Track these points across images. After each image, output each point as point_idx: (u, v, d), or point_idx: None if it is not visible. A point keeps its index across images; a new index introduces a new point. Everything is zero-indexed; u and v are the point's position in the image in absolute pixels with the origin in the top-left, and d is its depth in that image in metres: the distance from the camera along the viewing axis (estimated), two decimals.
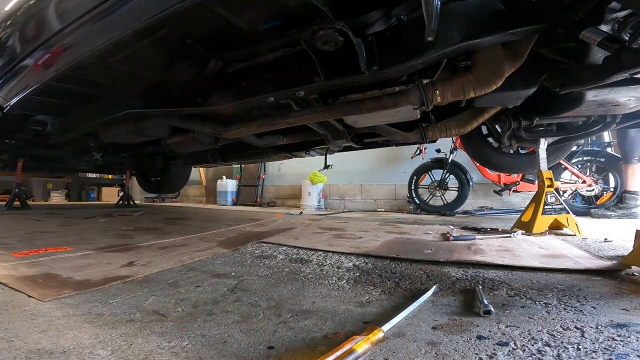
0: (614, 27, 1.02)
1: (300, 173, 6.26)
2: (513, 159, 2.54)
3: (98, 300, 0.88)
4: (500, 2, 1.10)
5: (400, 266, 1.32)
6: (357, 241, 1.91)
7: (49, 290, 0.93)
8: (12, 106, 1.86)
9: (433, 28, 0.99)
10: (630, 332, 0.68)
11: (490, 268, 1.28)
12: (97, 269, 1.18)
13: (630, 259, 1.21)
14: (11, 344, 0.61)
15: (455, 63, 1.45)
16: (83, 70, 1.61)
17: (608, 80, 1.15)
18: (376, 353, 0.60)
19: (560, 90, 1.38)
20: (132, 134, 2.11)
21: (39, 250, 1.46)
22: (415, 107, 1.54)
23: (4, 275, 1.05)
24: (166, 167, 4.19)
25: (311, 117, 1.65)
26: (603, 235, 2.09)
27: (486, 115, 1.88)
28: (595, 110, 1.61)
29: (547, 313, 0.81)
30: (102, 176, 7.55)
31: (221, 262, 1.35)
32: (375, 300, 0.93)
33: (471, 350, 0.61)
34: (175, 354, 0.60)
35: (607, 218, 3.40)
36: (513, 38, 1.13)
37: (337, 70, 1.29)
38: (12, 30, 1.64)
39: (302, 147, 2.80)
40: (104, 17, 1.19)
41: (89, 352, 0.59)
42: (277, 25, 1.25)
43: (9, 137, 2.91)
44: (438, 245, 1.78)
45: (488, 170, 4.28)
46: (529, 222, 2.22)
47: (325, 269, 1.28)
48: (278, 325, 0.74)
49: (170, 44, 1.40)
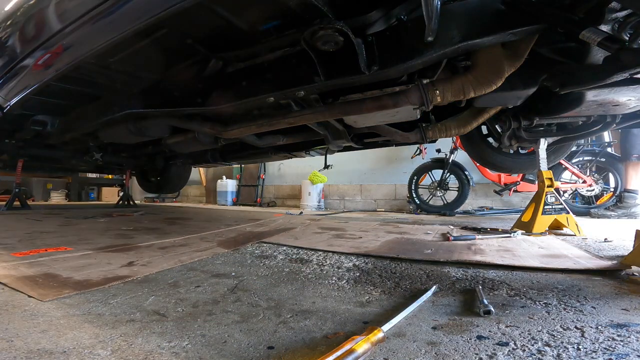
0: (614, 27, 1.02)
1: (300, 173, 6.26)
2: (513, 159, 2.54)
3: (98, 300, 0.88)
4: (501, 2, 1.10)
5: (400, 266, 1.32)
6: (357, 241, 1.91)
7: (49, 290, 0.93)
8: (12, 106, 1.86)
9: (433, 28, 0.99)
10: (630, 332, 0.68)
11: (490, 268, 1.28)
12: (97, 269, 1.18)
13: (630, 259, 1.21)
14: (11, 344, 0.61)
15: (455, 63, 1.45)
16: (83, 70, 1.61)
17: (608, 80, 1.15)
18: (376, 353, 0.60)
19: (560, 90, 1.38)
20: (132, 134, 2.11)
21: (39, 250, 1.46)
22: (415, 107, 1.54)
23: (4, 275, 1.05)
24: (166, 167, 4.19)
25: (311, 117, 1.65)
26: (603, 235, 2.09)
27: (486, 115, 1.88)
28: (595, 110, 1.61)
29: (547, 313, 0.81)
30: (102, 176, 7.55)
31: (221, 262, 1.35)
32: (375, 300, 0.93)
33: (471, 350, 0.61)
34: (175, 354, 0.60)
35: (607, 218, 3.40)
36: (513, 38, 1.13)
37: (337, 70, 1.29)
38: (12, 30, 1.64)
39: (302, 147, 2.80)
40: (104, 17, 1.19)
41: (89, 352, 0.59)
42: (277, 25, 1.25)
43: (9, 137, 2.91)
44: (438, 245, 1.78)
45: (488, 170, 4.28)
46: (529, 222, 2.22)
47: (325, 269, 1.28)
48: (278, 325, 0.74)
49: (170, 44, 1.40)
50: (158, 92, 1.77)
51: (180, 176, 4.50)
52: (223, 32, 1.30)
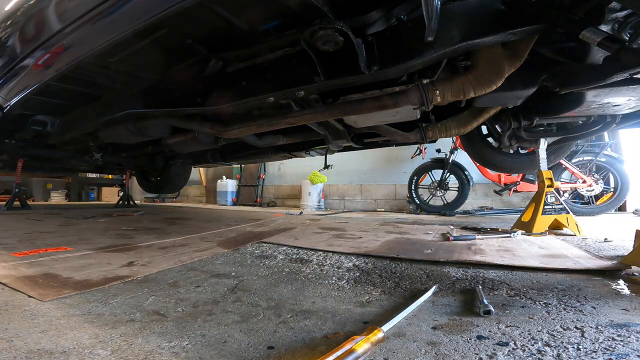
0: (614, 27, 1.01)
1: (300, 173, 6.26)
2: (513, 159, 2.54)
3: (98, 300, 0.88)
4: (501, 2, 1.10)
5: (400, 266, 1.32)
6: (357, 241, 1.91)
7: (49, 290, 0.93)
8: (12, 106, 1.86)
9: (433, 28, 0.99)
10: (630, 332, 0.68)
11: (490, 268, 1.28)
12: (97, 269, 1.18)
13: (630, 259, 1.21)
14: (11, 344, 0.61)
15: (455, 63, 1.45)
16: (83, 70, 1.61)
17: (608, 80, 1.15)
18: (376, 353, 0.60)
19: (560, 90, 1.38)
20: (132, 134, 2.11)
21: (39, 250, 1.46)
22: (415, 107, 1.54)
23: (4, 275, 1.05)
24: (166, 167, 4.19)
25: (311, 117, 1.65)
26: (603, 235, 2.09)
27: (486, 115, 1.88)
28: (595, 110, 1.61)
29: (547, 313, 0.80)
30: (102, 176, 7.55)
31: (221, 262, 1.35)
32: (375, 300, 0.93)
33: (471, 350, 0.61)
34: (175, 354, 0.60)
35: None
36: (513, 38, 1.13)
37: (337, 70, 1.29)
38: (12, 30, 1.64)
39: (302, 147, 2.80)
40: (104, 17, 1.18)
41: (89, 352, 0.59)
42: (277, 25, 1.25)
43: (9, 137, 2.91)
44: (438, 245, 1.78)
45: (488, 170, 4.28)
46: (529, 222, 2.22)
47: (325, 269, 1.28)
48: (278, 325, 0.73)
49: (171, 44, 1.40)
50: (158, 92, 1.77)
51: (180, 176, 4.50)
52: (223, 32, 1.30)
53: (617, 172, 3.65)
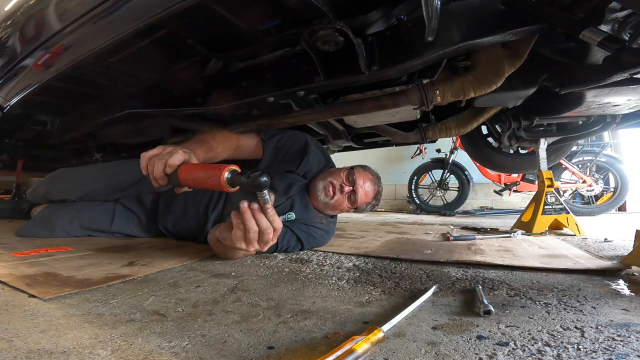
0: (614, 27, 1.02)
1: None
2: (513, 159, 2.55)
3: (98, 300, 0.88)
4: (501, 2, 1.10)
5: (400, 266, 1.32)
6: (357, 241, 1.91)
7: (50, 288, 0.93)
8: (12, 106, 1.86)
9: (433, 28, 0.99)
10: (630, 332, 0.68)
11: (490, 268, 1.28)
12: (97, 268, 1.18)
13: (630, 259, 1.21)
14: (11, 344, 0.61)
15: (455, 63, 1.45)
16: (83, 70, 1.61)
17: (608, 80, 1.16)
18: (376, 353, 0.60)
19: (560, 90, 1.38)
20: (132, 134, 2.11)
21: (40, 250, 1.46)
22: (415, 107, 1.54)
23: (5, 275, 1.05)
24: None
25: (311, 117, 1.65)
26: (603, 235, 2.09)
27: (486, 115, 1.89)
28: (595, 111, 1.62)
29: (547, 313, 0.81)
30: None
31: (221, 262, 1.35)
32: (375, 300, 0.93)
33: (471, 350, 0.61)
34: (175, 354, 0.60)
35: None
36: (513, 38, 1.13)
37: (337, 70, 1.29)
38: (12, 30, 1.64)
39: None
40: (104, 17, 1.18)
41: (89, 352, 0.59)
42: (277, 25, 1.25)
43: (9, 137, 2.91)
44: (438, 245, 1.78)
45: (488, 170, 4.28)
46: (529, 222, 2.22)
47: (325, 269, 1.28)
48: (278, 325, 0.74)
49: (170, 44, 1.40)
50: (158, 92, 1.77)
51: None
52: (223, 32, 1.30)
53: (617, 172, 3.65)
